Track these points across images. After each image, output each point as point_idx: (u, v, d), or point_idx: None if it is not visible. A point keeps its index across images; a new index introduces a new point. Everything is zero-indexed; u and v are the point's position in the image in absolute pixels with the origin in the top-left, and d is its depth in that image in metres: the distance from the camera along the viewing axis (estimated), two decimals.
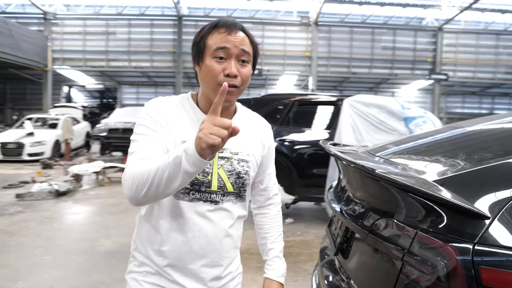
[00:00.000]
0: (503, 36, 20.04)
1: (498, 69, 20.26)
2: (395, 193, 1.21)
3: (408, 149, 1.76)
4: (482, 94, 23.33)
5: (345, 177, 1.67)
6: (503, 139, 1.46)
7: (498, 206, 1.04)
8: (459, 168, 1.21)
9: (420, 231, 1.08)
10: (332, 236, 1.75)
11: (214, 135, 0.89)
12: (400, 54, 20.04)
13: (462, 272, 0.96)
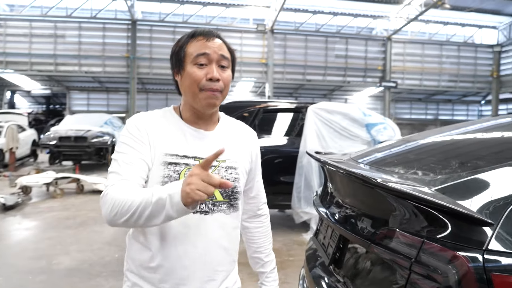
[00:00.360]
0: (445, 46, 21.39)
1: (442, 77, 21.57)
2: (396, 203, 1.22)
3: (392, 156, 1.79)
4: (427, 101, 24.71)
5: (336, 186, 1.66)
6: (491, 147, 1.52)
7: (499, 212, 1.07)
8: (456, 176, 1.24)
9: (426, 240, 1.09)
10: (322, 246, 1.74)
11: (201, 192, 0.91)
12: (353, 62, 20.78)
13: (475, 279, 0.97)
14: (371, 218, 1.32)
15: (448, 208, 1.08)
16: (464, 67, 21.70)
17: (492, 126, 1.88)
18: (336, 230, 1.56)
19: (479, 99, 24.56)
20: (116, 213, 1.03)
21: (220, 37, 1.22)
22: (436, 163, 1.43)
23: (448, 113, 25.29)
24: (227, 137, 1.27)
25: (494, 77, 21.59)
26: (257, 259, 1.44)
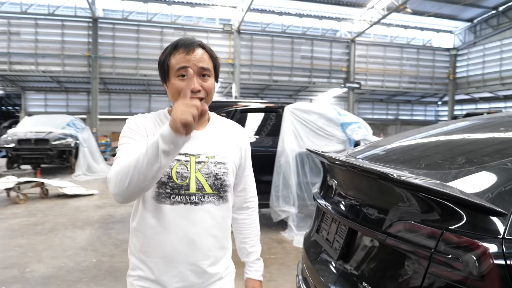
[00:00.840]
0: (406, 49, 22.29)
1: (403, 78, 22.46)
2: (411, 196, 1.27)
3: (388, 153, 1.86)
4: (388, 101, 25.63)
5: (344, 182, 1.70)
6: (490, 144, 1.61)
7: (510, 202, 1.14)
8: (466, 171, 1.31)
9: (446, 231, 1.14)
10: (326, 241, 1.77)
11: (185, 113, 1.01)
12: (318, 64, 21.20)
13: (495, 266, 1.03)
14: (384, 212, 1.37)
15: (465, 200, 1.14)
16: (423, 69, 22.71)
17: (477, 125, 2.00)
18: (345, 224, 1.60)
19: (436, 100, 25.75)
20: (121, 178, 1.11)
21: (203, 45, 1.30)
22: (440, 159, 1.50)
23: (408, 113, 26.33)
24: (217, 135, 1.38)
25: (451, 79, 22.75)
26: (242, 249, 1.53)
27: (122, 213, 6.37)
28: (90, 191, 8.23)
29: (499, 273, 1.03)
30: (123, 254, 4.25)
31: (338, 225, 1.70)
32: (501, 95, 20.78)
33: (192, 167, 1.28)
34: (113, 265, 3.91)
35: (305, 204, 5.16)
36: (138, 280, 1.31)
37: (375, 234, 1.37)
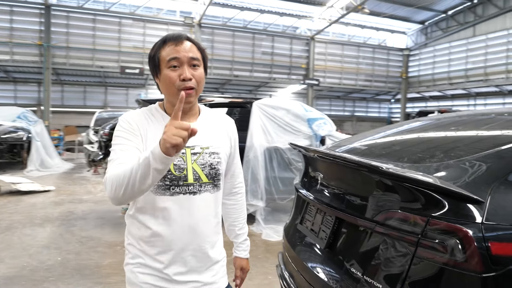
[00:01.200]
0: (362, 48, 23.08)
1: (359, 76, 23.25)
2: (398, 187, 1.38)
3: (371, 147, 1.97)
4: (345, 98, 26.43)
5: (330, 175, 1.79)
6: (462, 140, 1.76)
7: (485, 192, 1.27)
8: (445, 164, 1.44)
9: (431, 218, 1.26)
10: (311, 232, 1.86)
11: (176, 136, 1.04)
12: (278, 60, 21.43)
13: (476, 247, 1.16)
14: (372, 202, 1.47)
15: (448, 190, 1.26)
16: (378, 68, 23.62)
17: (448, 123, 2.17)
18: (332, 214, 1.69)
19: (390, 98, 26.89)
20: (116, 188, 1.17)
21: (189, 39, 1.37)
22: (421, 154, 1.63)
23: (363, 110, 27.30)
24: (208, 126, 1.44)
25: (403, 78, 23.85)
26: (231, 231, 1.67)
27: (83, 210, 6.17)
28: (46, 187, 7.88)
29: (480, 254, 1.15)
30: (89, 251, 4.15)
31: (323, 216, 1.79)
32: (449, 94, 22.09)
33: (188, 158, 1.35)
34: (80, 263, 3.81)
35: (273, 198, 5.27)
36: (139, 268, 1.35)
37: (364, 223, 1.47)
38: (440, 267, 1.22)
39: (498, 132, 1.73)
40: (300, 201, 2.16)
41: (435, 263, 1.23)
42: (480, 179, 1.33)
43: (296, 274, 1.90)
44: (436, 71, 21.96)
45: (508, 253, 1.16)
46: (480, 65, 19.02)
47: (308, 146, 2.09)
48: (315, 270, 1.69)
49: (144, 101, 5.15)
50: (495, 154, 1.43)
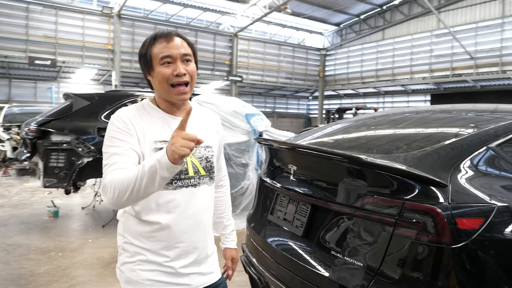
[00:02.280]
0: (283, 47, 23.91)
1: (280, 74, 24.07)
2: (374, 175, 1.54)
3: (339, 140, 2.14)
4: (266, 95, 27.17)
5: (303, 166, 1.90)
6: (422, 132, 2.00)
7: (447, 177, 1.50)
8: (411, 154, 1.64)
9: (407, 201, 1.44)
10: (285, 221, 1.97)
11: (184, 147, 1.08)
12: (202, 55, 21.26)
13: (446, 223, 1.36)
14: (351, 190, 1.62)
15: (420, 176, 1.45)
16: (298, 66, 24.69)
17: (403, 118, 2.43)
18: (307, 203, 1.81)
19: (308, 95, 28.28)
20: (119, 194, 1.16)
21: (179, 35, 1.39)
22: (387, 146, 1.83)
23: (283, 107, 28.32)
24: (200, 121, 1.49)
25: (321, 77, 25.24)
26: (219, 223, 1.70)
27: (1, 215, 5.59)
28: None
29: (449, 229, 1.36)
30: (20, 259, 3.81)
31: (297, 205, 1.91)
32: (361, 92, 23.92)
33: None
34: (11, 273, 3.48)
35: None
36: (139, 265, 1.34)
37: (344, 209, 1.62)
38: (415, 243, 1.41)
39: (450, 127, 2.01)
40: (267, 193, 2.26)
41: (411, 239, 1.42)
42: (441, 167, 1.55)
43: (270, 262, 1.99)
44: (350, 70, 23.62)
45: (470, 227, 1.39)
46: (388, 66, 20.92)
47: (280, 140, 2.19)
48: (294, 257, 1.80)
49: (76, 95, 4.82)
50: (448, 145, 1.68)
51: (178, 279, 1.36)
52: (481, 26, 16.40)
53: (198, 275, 1.40)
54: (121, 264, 1.39)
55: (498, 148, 1.70)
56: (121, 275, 1.39)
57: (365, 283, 1.47)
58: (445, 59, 18.06)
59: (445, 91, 19.16)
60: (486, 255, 1.40)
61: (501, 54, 15.73)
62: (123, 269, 1.37)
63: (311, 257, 1.73)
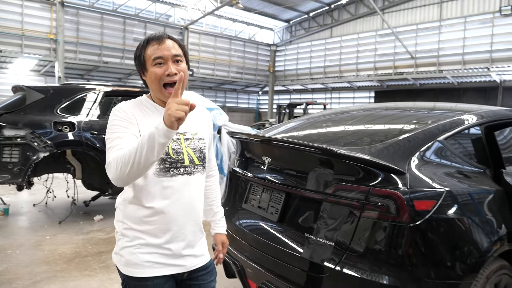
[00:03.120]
0: (234, 41, 23.94)
1: (231, 68, 24.11)
2: (344, 165, 1.75)
3: (310, 134, 2.34)
4: (217, 89, 27.11)
5: (276, 157, 2.07)
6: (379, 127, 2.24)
7: (405, 166, 1.74)
8: (374, 146, 1.87)
9: (373, 187, 1.67)
10: (259, 209, 2.13)
11: (179, 111, 1.19)
12: None
13: (406, 205, 1.61)
14: (322, 178, 1.82)
15: (383, 165, 1.68)
16: (248, 61, 24.87)
17: (366, 115, 2.67)
18: (281, 191, 1.99)
19: (258, 90, 28.60)
20: (121, 167, 1.27)
21: (170, 37, 1.51)
22: (353, 139, 2.05)
23: (234, 101, 28.42)
24: (192, 115, 1.57)
25: (271, 72, 25.63)
26: (209, 210, 1.82)
27: None
28: None
29: (408, 210, 1.60)
30: None
31: (271, 194, 2.08)
32: (309, 88, 24.64)
33: (182, 143, 1.51)
34: None
35: None
36: (139, 248, 1.45)
37: (316, 195, 1.82)
38: (380, 223, 1.64)
39: (404, 123, 2.27)
40: (240, 183, 2.41)
41: (376, 220, 1.64)
42: (400, 157, 1.80)
43: (246, 247, 2.15)
44: (299, 66, 24.23)
45: (425, 208, 1.65)
46: (336, 63, 21.73)
47: (255, 134, 2.34)
48: (271, 240, 1.98)
49: (29, 87, 4.63)
50: (405, 139, 1.93)
51: (175, 261, 1.48)
52: (421, 28, 17.58)
53: (192, 257, 1.53)
54: (120, 249, 1.49)
55: (445, 141, 1.98)
56: (120, 259, 1.48)
57: (337, 259, 1.68)
58: (388, 58, 19.14)
59: (388, 88, 20.32)
60: (436, 231, 1.67)
61: (438, 54, 16.99)
62: (122, 253, 1.47)
63: (287, 240, 1.92)
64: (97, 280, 3.17)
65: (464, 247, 1.73)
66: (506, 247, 1.92)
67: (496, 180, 2.07)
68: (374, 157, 1.76)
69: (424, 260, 1.62)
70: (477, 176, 2.01)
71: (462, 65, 16.21)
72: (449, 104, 2.78)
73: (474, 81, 16.86)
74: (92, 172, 5.02)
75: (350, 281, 1.63)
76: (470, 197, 1.84)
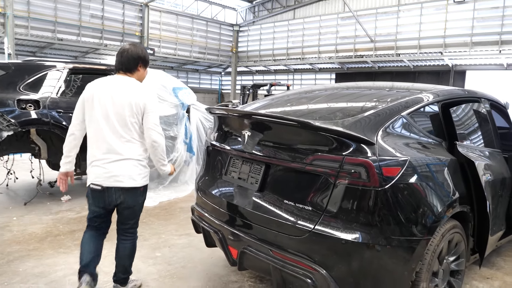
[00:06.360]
0: (196, 20, 23.47)
1: (193, 48, 23.71)
2: (320, 136, 1.91)
3: (287, 110, 2.48)
4: (179, 69, 26.60)
5: (255, 131, 2.19)
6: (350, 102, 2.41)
7: (374, 137, 1.93)
8: (346, 120, 2.04)
9: (346, 156, 1.84)
10: (240, 180, 2.26)
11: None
12: (110, 25, 19.95)
13: (375, 171, 1.80)
14: (300, 149, 1.97)
15: (355, 136, 1.86)
16: (211, 41, 24.54)
17: (335, 92, 2.84)
18: (260, 162, 2.13)
19: (220, 71, 28.38)
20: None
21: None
22: (326, 114, 2.21)
23: (196, 82, 28.04)
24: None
25: (234, 52, 25.47)
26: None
27: None
28: None
29: (377, 176, 1.79)
30: None
31: (251, 165, 2.22)
32: (272, 69, 24.78)
33: None
34: None
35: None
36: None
37: (295, 165, 1.97)
38: (353, 188, 1.82)
39: (372, 100, 2.46)
40: (219, 157, 2.52)
41: (349, 185, 1.83)
42: (370, 130, 1.99)
43: (228, 216, 2.28)
44: (262, 47, 24.23)
45: (392, 174, 1.85)
46: (298, 45, 21.93)
47: (235, 109, 2.45)
48: (253, 208, 2.12)
49: None
50: (373, 113, 2.12)
51: None
52: (380, 12, 18.06)
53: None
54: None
55: (407, 116, 2.19)
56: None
57: (315, 220, 1.86)
58: (349, 41, 19.57)
59: (348, 70, 20.85)
60: (401, 194, 1.88)
61: (396, 38, 17.60)
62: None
63: (269, 206, 2.06)
64: (74, 256, 3.19)
65: (424, 208, 1.96)
66: (458, 209, 2.19)
67: (451, 151, 2.33)
68: (348, 129, 1.93)
69: (390, 219, 1.83)
70: (435, 147, 2.24)
71: (418, 49, 16.91)
72: (406, 84, 3.02)
73: (429, 65, 17.68)
74: (58, 152, 4.91)
75: (327, 239, 1.81)
76: (429, 165, 2.07)
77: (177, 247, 3.45)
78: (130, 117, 2.25)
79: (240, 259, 2.16)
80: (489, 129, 2.83)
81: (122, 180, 2.25)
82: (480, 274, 3.05)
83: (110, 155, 2.25)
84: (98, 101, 2.31)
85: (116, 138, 2.25)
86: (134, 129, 2.27)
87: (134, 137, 2.28)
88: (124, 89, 2.32)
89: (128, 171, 2.25)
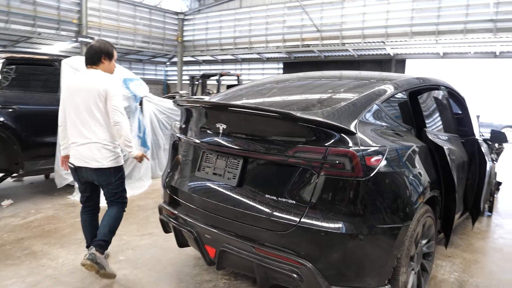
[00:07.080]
0: (139, 8, 22.46)
1: (137, 37, 22.72)
2: (302, 128, 1.85)
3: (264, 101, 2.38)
4: (121, 59, 25.41)
5: (232, 123, 2.08)
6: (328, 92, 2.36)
7: (354, 127, 1.91)
8: (326, 110, 1.99)
9: (330, 147, 1.80)
10: (215, 175, 2.15)
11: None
12: (43, 12, 18.51)
13: (359, 161, 1.77)
14: (282, 141, 1.90)
15: (338, 127, 1.82)
16: (155, 30, 23.65)
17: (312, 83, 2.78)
18: (239, 156, 2.03)
19: (166, 61, 27.54)
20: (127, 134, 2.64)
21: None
22: (305, 104, 2.15)
23: (140, 72, 26.98)
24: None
25: (179, 42, 24.77)
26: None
27: None
28: None
29: (361, 166, 1.77)
30: None
31: (227, 160, 2.11)
32: (219, 59, 24.47)
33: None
34: None
35: None
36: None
37: (277, 158, 1.89)
38: (337, 179, 1.79)
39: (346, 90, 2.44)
40: (190, 152, 2.38)
41: (333, 176, 1.79)
42: (348, 119, 1.96)
43: (203, 214, 2.16)
44: (209, 37, 23.79)
45: (374, 163, 1.83)
46: (245, 34, 21.77)
47: (209, 101, 2.31)
48: (231, 205, 2.02)
49: None
50: (350, 103, 2.09)
51: None
52: (326, 2, 18.39)
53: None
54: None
55: (381, 104, 2.19)
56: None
57: (300, 214, 1.80)
58: (295, 30, 19.76)
59: (295, 60, 21.11)
60: (383, 183, 1.88)
61: (341, 28, 18.04)
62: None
63: (250, 202, 1.97)
64: (25, 268, 2.90)
65: (403, 195, 1.98)
66: (430, 194, 2.25)
67: (419, 137, 2.38)
68: (328, 120, 1.89)
69: (374, 208, 1.83)
70: (406, 135, 2.28)
71: (362, 38, 17.48)
72: (371, 73, 3.05)
73: (372, 54, 18.38)
74: None
75: (313, 232, 1.77)
76: (404, 153, 2.09)
77: (141, 248, 3.27)
78: (94, 104, 2.54)
79: (219, 258, 2.07)
80: (449, 116, 2.95)
81: (88, 161, 2.58)
82: (441, 253, 3.20)
83: (80, 138, 2.59)
84: (70, 91, 2.65)
85: (84, 123, 2.57)
86: (100, 114, 2.56)
87: (99, 122, 2.57)
88: (89, 79, 2.60)
89: (93, 153, 2.57)
